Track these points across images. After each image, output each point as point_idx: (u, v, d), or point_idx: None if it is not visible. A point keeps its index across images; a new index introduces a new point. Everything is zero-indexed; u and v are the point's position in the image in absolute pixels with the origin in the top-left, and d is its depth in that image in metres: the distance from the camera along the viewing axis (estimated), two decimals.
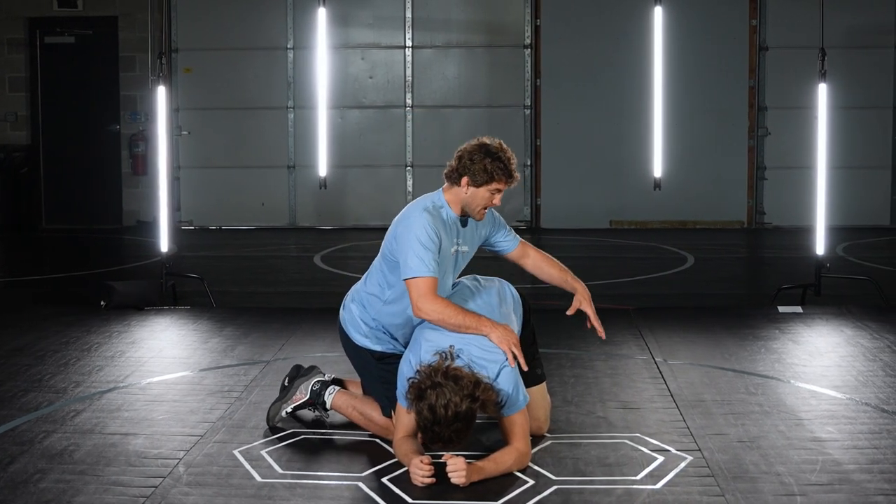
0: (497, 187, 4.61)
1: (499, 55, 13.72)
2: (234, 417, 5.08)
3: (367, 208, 13.77)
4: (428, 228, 4.54)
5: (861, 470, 4.34)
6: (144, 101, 13.62)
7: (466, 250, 4.79)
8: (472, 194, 4.62)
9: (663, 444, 4.68)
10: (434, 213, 4.61)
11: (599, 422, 5.04)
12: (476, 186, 4.61)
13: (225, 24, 13.62)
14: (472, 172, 4.59)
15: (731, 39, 13.40)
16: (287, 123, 13.76)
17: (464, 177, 4.61)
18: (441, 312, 4.43)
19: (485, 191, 4.61)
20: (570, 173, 13.68)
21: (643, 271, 10.08)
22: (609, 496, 4.10)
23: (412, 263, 4.49)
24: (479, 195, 4.62)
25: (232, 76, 13.70)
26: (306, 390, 4.95)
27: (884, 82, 13.28)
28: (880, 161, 13.36)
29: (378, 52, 13.75)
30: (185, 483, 4.21)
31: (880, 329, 6.92)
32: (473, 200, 4.63)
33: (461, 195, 4.64)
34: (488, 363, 4.34)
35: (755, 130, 13.52)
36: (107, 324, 7.19)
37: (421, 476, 4.13)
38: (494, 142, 4.66)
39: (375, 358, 4.80)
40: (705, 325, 7.14)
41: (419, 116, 13.78)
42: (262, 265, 10.76)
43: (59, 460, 4.47)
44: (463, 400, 4.09)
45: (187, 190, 13.74)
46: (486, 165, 4.58)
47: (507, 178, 4.60)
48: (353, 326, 4.84)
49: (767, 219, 13.61)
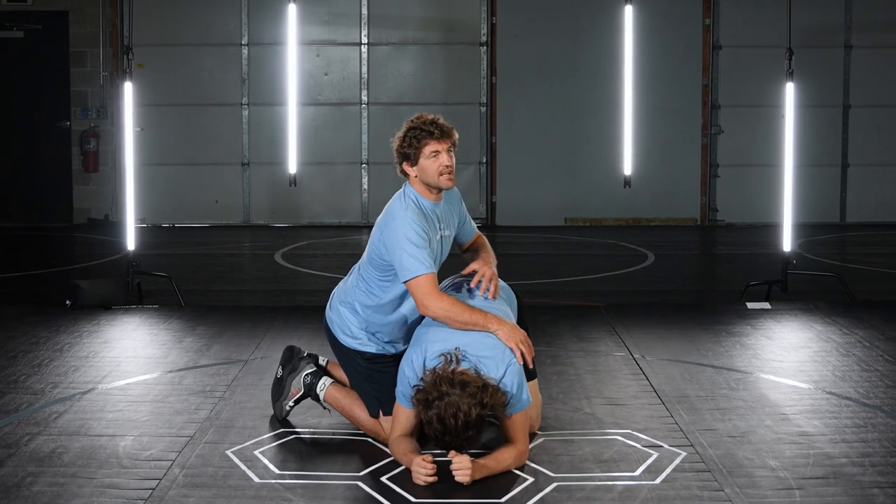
0: (433, 149, 4.58)
1: (455, 52, 13.72)
2: (221, 418, 5.02)
3: (322, 206, 13.69)
4: (415, 225, 4.51)
5: (853, 463, 4.41)
6: (96, 98, 13.43)
7: (449, 233, 4.77)
8: (421, 171, 4.60)
9: (655, 439, 4.71)
10: (415, 208, 4.59)
11: (588, 418, 5.06)
12: (415, 163, 4.61)
13: (178, 19, 13.45)
14: (403, 155, 4.62)
15: (685, 38, 13.52)
16: (241, 120, 13.63)
17: (403, 164, 4.64)
18: (448, 310, 4.42)
19: (425, 160, 4.59)
20: (526, 171, 13.72)
21: (606, 268, 10.14)
22: (610, 492, 4.12)
23: (409, 264, 4.46)
24: (425, 168, 4.59)
25: (185, 72, 13.54)
26: (300, 384, 4.92)
27: (834, 82, 13.49)
28: (831, 159, 13.57)
29: (333, 48, 13.68)
30: (182, 485, 4.15)
31: (850, 325, 7.02)
32: (426, 175, 4.60)
33: (418, 180, 4.63)
34: (494, 362, 4.32)
35: (708, 128, 13.66)
36: (75, 323, 7.07)
37: (424, 475, 4.11)
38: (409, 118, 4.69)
39: (365, 359, 4.76)
40: (677, 321, 7.20)
41: (375, 114, 13.72)
42: (222, 263, 10.66)
43: (48, 463, 4.38)
44: (472, 408, 4.07)
45: (139, 187, 13.43)
46: (408, 140, 4.60)
47: (430, 134, 4.58)
48: (341, 328, 4.80)
49: (720, 216, 13.76)
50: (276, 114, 13.42)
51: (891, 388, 5.56)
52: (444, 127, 4.62)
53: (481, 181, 13.79)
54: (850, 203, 13.78)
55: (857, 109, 13.65)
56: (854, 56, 13.60)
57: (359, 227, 13.42)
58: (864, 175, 13.77)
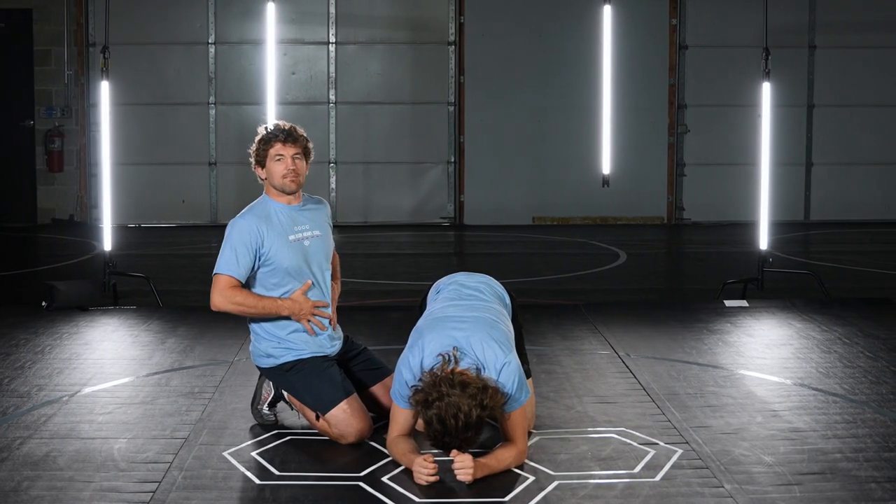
0: (277, 152, 4.81)
1: (423, 52, 13.72)
2: (213, 419, 4.99)
3: None
4: (240, 228, 4.74)
5: (847, 459, 4.46)
6: (60, 97, 13.28)
7: (318, 234, 4.90)
8: (268, 172, 4.83)
9: (650, 437, 4.73)
10: (256, 212, 4.80)
11: (581, 417, 5.07)
12: (262, 165, 4.85)
13: (145, 18, 13.35)
14: (255, 159, 4.88)
15: (652, 38, 13.62)
16: (208, 119, 13.55)
17: (255, 167, 4.90)
18: (240, 304, 4.72)
19: (271, 163, 4.81)
20: (494, 170, 13.76)
21: (579, 267, 10.18)
22: (612, 490, 4.14)
23: (218, 261, 4.76)
24: (271, 170, 4.81)
25: (152, 71, 13.44)
26: (269, 386, 4.97)
27: (799, 81, 13.64)
28: (795, 158, 13.73)
29: (301, 47, 13.64)
30: (182, 487, 4.12)
31: (828, 322, 7.11)
32: (272, 176, 4.82)
33: (268, 183, 4.87)
34: (491, 360, 4.32)
35: (675, 128, 13.77)
36: (53, 325, 6.99)
37: (426, 475, 4.11)
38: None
39: (285, 370, 4.83)
40: (657, 319, 7.25)
41: (342, 113, 13.69)
42: (194, 264, 10.58)
43: (43, 467, 4.33)
44: (472, 409, 4.06)
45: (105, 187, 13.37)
46: (259, 145, 4.87)
47: (276, 138, 4.81)
48: (258, 355, 4.91)
49: (686, 215, 13.87)
50: (243, 113, 13.36)
51: (875, 383, 5.63)
52: (293, 133, 4.84)
53: (449, 180, 13.81)
54: (814, 201, 13.96)
55: (822, 109, 13.83)
56: (818, 56, 13.77)
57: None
58: (827, 174, 13.96)
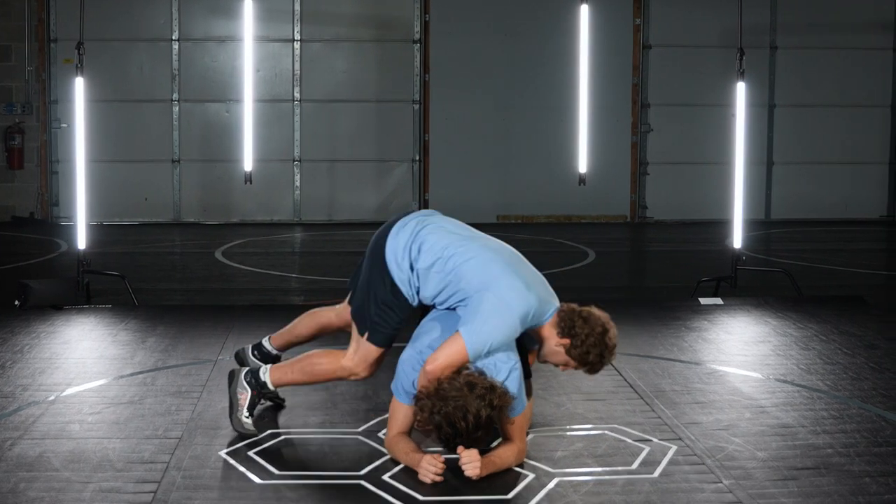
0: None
1: (388, 50, 13.71)
2: (204, 419, 4.95)
3: (253, 203, 13.57)
4: (511, 327, 4.42)
5: (839, 454, 4.52)
6: (20, 93, 13.10)
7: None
8: (555, 353, 4.61)
9: (643, 433, 4.77)
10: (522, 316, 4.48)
11: (572, 414, 5.10)
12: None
13: (108, 14, 13.19)
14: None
15: (616, 37, 13.70)
16: (172, 117, 13.43)
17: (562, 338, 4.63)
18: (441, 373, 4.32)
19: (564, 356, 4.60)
20: (459, 168, 13.78)
21: (549, 265, 10.19)
22: (613, 486, 4.17)
23: (477, 331, 4.32)
24: (556, 355, 4.61)
25: (114, 68, 13.30)
26: (245, 388, 4.78)
27: (760, 82, 13.79)
28: (756, 157, 13.87)
29: (266, 45, 13.56)
30: (183, 487, 4.09)
31: (803, 319, 7.20)
32: (553, 355, 4.63)
33: (556, 334, 4.62)
34: (500, 364, 4.33)
35: (638, 127, 13.87)
36: (29, 324, 6.90)
37: (433, 473, 4.11)
38: None
39: (389, 286, 4.53)
40: (636, 317, 7.29)
41: (307, 110, 13.64)
42: (163, 262, 10.49)
43: (38, 468, 4.28)
44: (481, 409, 4.09)
45: (66, 184, 13.25)
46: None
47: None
48: (394, 253, 4.55)
49: (650, 213, 13.98)
50: (207, 110, 13.26)
51: (856, 379, 5.71)
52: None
53: (414, 178, 13.80)
54: (774, 200, 14.12)
55: (782, 109, 14.00)
56: (779, 57, 13.93)
57: (290, 224, 13.32)
58: (787, 173, 14.13)
